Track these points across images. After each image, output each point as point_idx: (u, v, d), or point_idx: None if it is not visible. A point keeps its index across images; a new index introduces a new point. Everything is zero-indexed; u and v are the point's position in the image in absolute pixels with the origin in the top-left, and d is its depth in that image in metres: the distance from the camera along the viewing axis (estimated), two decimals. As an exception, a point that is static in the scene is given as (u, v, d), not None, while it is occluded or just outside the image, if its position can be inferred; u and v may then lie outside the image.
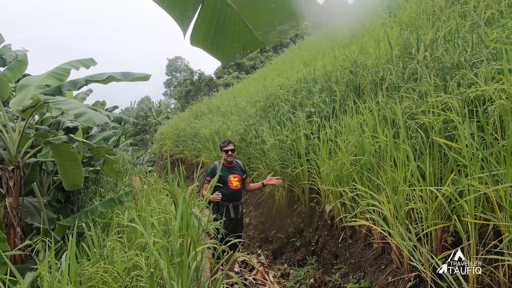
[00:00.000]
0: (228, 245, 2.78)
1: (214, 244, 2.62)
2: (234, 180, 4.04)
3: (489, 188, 2.09)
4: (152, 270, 2.00)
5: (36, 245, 3.14)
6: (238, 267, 4.76)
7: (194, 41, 1.52)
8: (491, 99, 2.48)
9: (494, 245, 2.15)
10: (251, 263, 4.79)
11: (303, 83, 6.56)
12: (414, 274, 2.67)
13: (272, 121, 6.20)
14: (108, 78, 4.23)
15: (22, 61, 4.62)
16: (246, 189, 4.32)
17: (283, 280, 4.37)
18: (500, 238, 2.11)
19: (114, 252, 2.49)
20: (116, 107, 10.59)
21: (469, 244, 2.23)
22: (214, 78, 29.35)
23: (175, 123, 15.14)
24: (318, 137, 4.64)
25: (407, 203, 2.77)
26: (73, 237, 1.98)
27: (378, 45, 5.17)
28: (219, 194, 3.81)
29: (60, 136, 4.15)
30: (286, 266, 4.63)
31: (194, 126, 11.46)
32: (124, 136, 17.36)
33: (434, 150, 2.78)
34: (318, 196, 4.67)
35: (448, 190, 2.31)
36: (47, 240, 2.89)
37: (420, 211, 2.63)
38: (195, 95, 26.63)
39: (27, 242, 3.46)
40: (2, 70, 4.59)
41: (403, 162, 2.83)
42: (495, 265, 2.10)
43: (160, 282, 2.24)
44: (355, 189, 3.44)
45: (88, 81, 4.21)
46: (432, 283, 2.38)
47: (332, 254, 4.09)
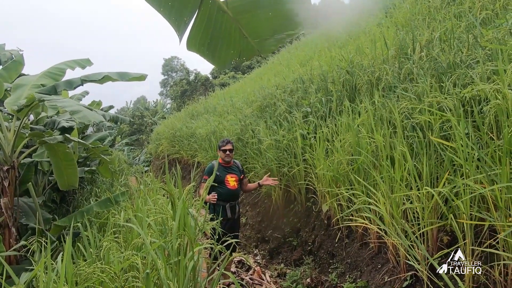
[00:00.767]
0: (224, 245, 2.78)
1: (210, 244, 2.62)
2: (231, 180, 4.03)
3: (484, 188, 2.11)
4: (148, 270, 2.00)
5: (31, 245, 3.11)
6: (235, 267, 4.76)
7: (190, 46, 1.52)
8: (487, 99, 2.50)
9: (490, 244, 2.16)
10: (248, 263, 4.78)
11: (300, 83, 6.57)
12: (410, 273, 2.68)
13: (268, 121, 6.20)
14: (104, 78, 4.22)
15: (18, 61, 4.60)
16: (243, 189, 4.31)
17: (280, 279, 4.37)
18: (495, 237, 2.12)
19: (110, 252, 2.47)
20: (111, 107, 10.56)
21: (464, 243, 2.25)
22: (210, 78, 29.31)
23: (171, 123, 15.09)
24: (315, 137, 4.65)
25: (404, 203, 2.78)
26: (69, 237, 1.97)
27: (374, 45, 5.18)
28: (215, 195, 3.81)
29: (55, 136, 4.12)
30: (282, 265, 4.64)
31: (190, 126, 11.42)
32: (120, 136, 17.27)
33: (431, 149, 2.79)
34: (314, 196, 4.68)
35: (444, 190, 2.32)
36: (43, 240, 2.87)
37: (416, 211, 2.64)
38: (191, 95, 26.57)
39: (22, 242, 3.43)
40: (-2, 70, 4.56)
41: (400, 162, 2.84)
42: (491, 264, 2.12)
43: (157, 282, 2.23)
44: (352, 188, 3.45)
45: (84, 81, 4.19)
46: (428, 282, 2.39)
47: (328, 254, 4.10)
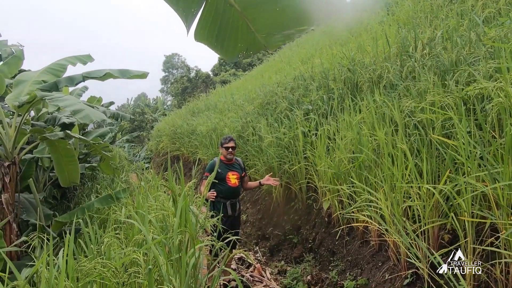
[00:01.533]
0: (225, 242, 2.78)
1: (212, 241, 2.62)
2: (232, 177, 4.02)
3: (486, 186, 2.10)
4: (150, 266, 2.00)
5: (32, 241, 3.12)
6: (235, 264, 4.77)
7: (199, 37, 1.50)
8: (489, 97, 2.49)
9: (491, 242, 2.16)
10: (248, 260, 4.79)
11: (301, 81, 6.56)
12: (411, 271, 2.68)
13: (269, 118, 6.19)
14: (105, 75, 4.22)
15: (18, 56, 4.59)
16: (244, 187, 4.31)
17: (280, 277, 4.38)
18: (497, 236, 2.12)
19: (111, 248, 2.48)
20: (112, 103, 10.56)
21: (466, 241, 2.25)
22: (211, 75, 29.24)
23: (172, 120, 15.07)
24: (316, 134, 4.64)
25: (405, 201, 2.78)
26: (70, 233, 1.97)
27: (376, 43, 5.17)
28: (214, 193, 3.80)
29: (56, 132, 4.13)
30: (283, 263, 4.64)
31: (191, 123, 11.41)
32: (120, 132, 17.29)
33: (432, 147, 2.78)
34: (315, 193, 4.67)
35: (445, 188, 2.32)
36: (44, 236, 2.88)
37: (417, 209, 2.64)
38: (192, 92, 26.52)
39: (23, 238, 3.44)
40: (-1, 65, 4.56)
41: (401, 160, 2.84)
42: (492, 262, 2.12)
43: (158, 278, 2.24)
44: (353, 186, 3.45)
45: (85, 77, 4.19)
46: (429, 280, 2.39)
47: (329, 251, 4.10)
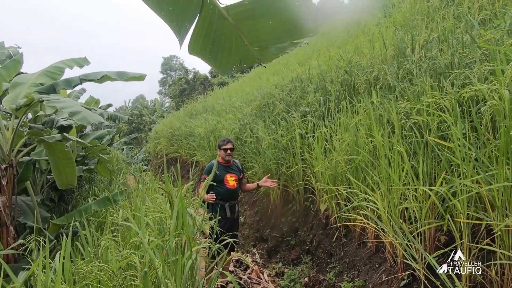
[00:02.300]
0: (223, 244, 2.78)
1: (209, 243, 2.62)
2: (230, 179, 4.03)
3: (481, 187, 2.12)
4: (146, 269, 2.00)
5: (29, 244, 3.11)
6: (233, 266, 4.77)
7: (192, 50, 1.50)
8: (484, 99, 2.51)
9: (486, 244, 2.17)
10: (246, 262, 4.79)
11: (298, 83, 6.58)
12: (407, 272, 2.69)
13: (267, 120, 6.20)
14: (103, 78, 4.21)
15: (17, 60, 4.58)
16: (242, 189, 4.31)
17: (278, 279, 4.38)
18: (492, 237, 2.13)
19: (108, 251, 2.48)
20: (110, 105, 10.55)
21: (462, 243, 2.26)
22: (209, 77, 29.22)
23: (170, 122, 15.06)
24: (313, 136, 4.65)
25: (401, 202, 2.79)
26: (67, 236, 1.97)
27: (373, 45, 5.19)
28: (213, 195, 3.81)
29: (53, 134, 4.12)
30: (280, 265, 4.64)
31: (189, 125, 11.40)
32: (118, 135, 17.26)
33: (428, 149, 2.80)
34: (312, 195, 4.68)
35: (441, 190, 2.33)
36: (41, 239, 2.87)
37: (414, 210, 2.65)
38: (190, 94, 26.49)
39: (20, 241, 3.43)
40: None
41: (398, 162, 2.85)
42: (488, 263, 2.13)
43: (154, 281, 2.24)
44: (350, 187, 3.46)
45: (82, 80, 4.18)
46: (425, 281, 2.40)
47: (326, 253, 4.10)
